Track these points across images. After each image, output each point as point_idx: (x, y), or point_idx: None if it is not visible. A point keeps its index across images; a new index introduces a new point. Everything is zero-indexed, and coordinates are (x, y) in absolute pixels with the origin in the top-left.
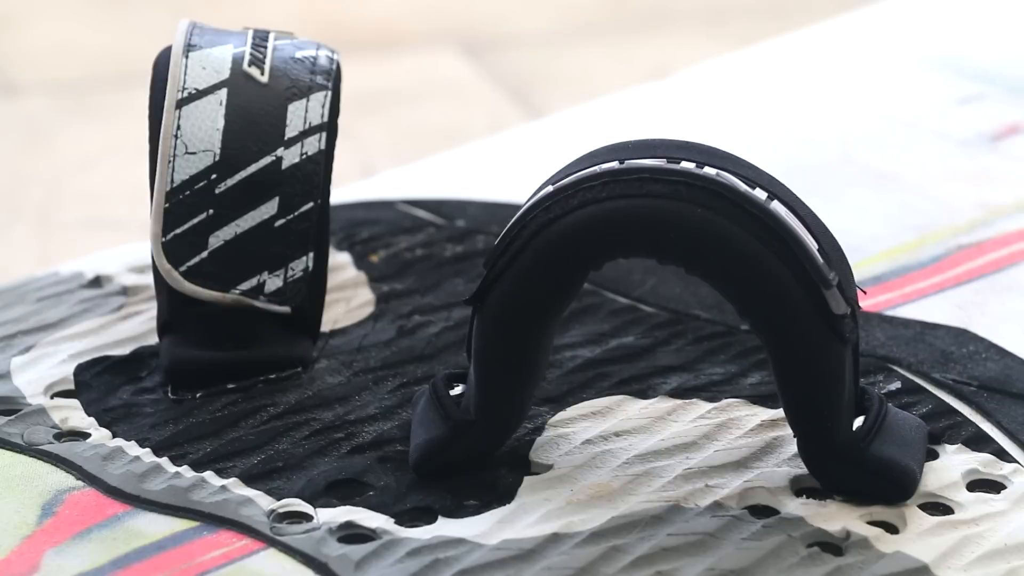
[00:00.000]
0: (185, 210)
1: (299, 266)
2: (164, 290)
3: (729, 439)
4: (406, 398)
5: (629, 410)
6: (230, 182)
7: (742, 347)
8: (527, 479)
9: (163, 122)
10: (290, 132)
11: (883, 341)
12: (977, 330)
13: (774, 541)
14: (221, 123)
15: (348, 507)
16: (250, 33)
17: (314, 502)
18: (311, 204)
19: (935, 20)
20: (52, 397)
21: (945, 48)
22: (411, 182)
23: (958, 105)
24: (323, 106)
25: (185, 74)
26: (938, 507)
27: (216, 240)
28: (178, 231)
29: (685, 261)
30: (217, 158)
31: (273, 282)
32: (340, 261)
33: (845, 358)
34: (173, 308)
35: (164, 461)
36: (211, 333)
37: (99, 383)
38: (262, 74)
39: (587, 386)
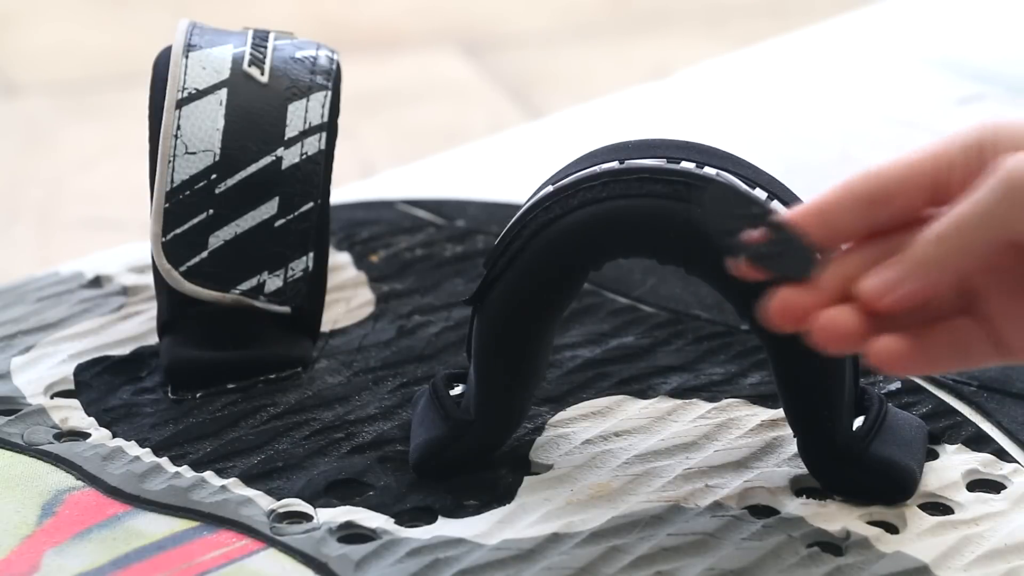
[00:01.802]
0: (185, 210)
1: (299, 266)
2: (164, 290)
3: (729, 439)
4: (406, 398)
5: (629, 410)
6: (230, 182)
7: (742, 347)
8: (527, 479)
9: (163, 122)
10: (290, 132)
11: None
12: None
13: (774, 541)
14: (221, 123)
15: (348, 507)
16: (250, 33)
17: (314, 502)
18: (311, 204)
19: (935, 20)
20: (52, 397)
21: (945, 48)
22: (411, 182)
23: (958, 105)
24: (323, 106)
25: (185, 74)
26: (938, 507)
27: (216, 240)
28: (178, 231)
29: (685, 261)
30: (217, 158)
31: (273, 282)
32: (340, 261)
33: (845, 358)
34: (173, 308)
35: (164, 461)
36: (211, 333)
37: (99, 383)
38: (262, 74)
39: (587, 386)
